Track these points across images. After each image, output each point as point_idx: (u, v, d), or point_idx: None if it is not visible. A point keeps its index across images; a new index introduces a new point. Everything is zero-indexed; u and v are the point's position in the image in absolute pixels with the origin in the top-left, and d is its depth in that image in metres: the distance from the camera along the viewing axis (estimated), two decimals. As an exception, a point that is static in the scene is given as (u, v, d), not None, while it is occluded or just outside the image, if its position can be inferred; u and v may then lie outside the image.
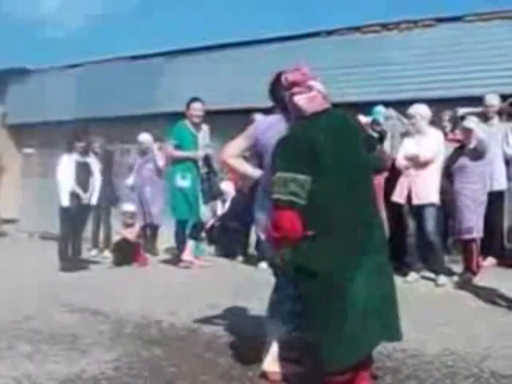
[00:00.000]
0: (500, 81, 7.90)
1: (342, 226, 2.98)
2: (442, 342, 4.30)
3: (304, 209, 2.91)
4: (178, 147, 7.28)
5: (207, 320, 4.83)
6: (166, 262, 7.89)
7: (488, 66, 8.18)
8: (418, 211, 6.34)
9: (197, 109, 7.32)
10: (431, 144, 6.34)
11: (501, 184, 6.62)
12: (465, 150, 6.33)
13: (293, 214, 2.90)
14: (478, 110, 6.88)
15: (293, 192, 2.89)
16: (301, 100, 3.14)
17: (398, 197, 6.45)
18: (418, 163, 6.32)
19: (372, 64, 9.10)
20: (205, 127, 7.44)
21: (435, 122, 6.81)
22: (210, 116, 7.66)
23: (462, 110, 6.97)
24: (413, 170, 6.38)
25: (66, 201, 7.40)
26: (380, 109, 7.26)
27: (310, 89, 3.17)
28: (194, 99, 7.39)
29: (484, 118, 6.83)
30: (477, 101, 7.01)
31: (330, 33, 9.98)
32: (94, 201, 7.81)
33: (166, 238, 7.67)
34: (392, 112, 7.29)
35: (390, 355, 4.09)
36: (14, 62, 13.63)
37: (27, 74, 13.35)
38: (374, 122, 6.94)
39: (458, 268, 6.72)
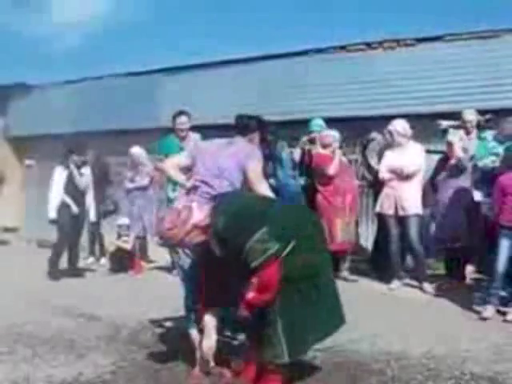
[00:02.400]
0: (477, 97, 8.12)
1: None
2: (424, 346, 4.45)
3: None
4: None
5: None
6: (160, 268, 8.00)
7: (466, 83, 8.42)
8: (403, 221, 6.53)
9: (182, 123, 7.25)
10: (413, 157, 6.54)
11: (478, 195, 6.76)
12: (448, 163, 6.51)
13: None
14: (458, 123, 7.05)
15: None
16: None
17: (384, 208, 6.64)
18: (402, 176, 6.52)
19: (357, 81, 9.34)
20: (195, 136, 7.30)
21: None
22: (207, 130, 7.78)
23: (444, 123, 7.14)
24: (396, 182, 6.57)
25: (55, 212, 7.54)
26: (317, 122, 7.45)
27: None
28: (180, 113, 7.33)
29: (464, 132, 7.01)
30: (456, 116, 7.19)
31: (317, 51, 10.21)
32: (91, 215, 7.93)
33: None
34: (376, 135, 7.50)
35: (375, 358, 4.24)
36: (15, 77, 13.92)
37: (29, 89, 13.58)
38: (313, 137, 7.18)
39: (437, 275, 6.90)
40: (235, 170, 3.97)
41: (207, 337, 3.67)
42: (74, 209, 7.65)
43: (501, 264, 5.32)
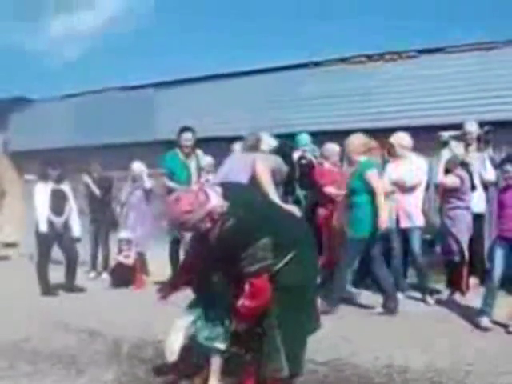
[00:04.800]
0: (478, 109, 8.16)
1: None
2: (427, 359, 4.45)
3: None
4: (170, 177, 7.33)
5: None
6: (162, 283, 7.97)
7: (467, 94, 8.47)
8: (405, 234, 6.55)
9: (187, 139, 7.35)
10: (415, 169, 6.57)
11: (480, 207, 6.79)
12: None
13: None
14: (459, 133, 7.11)
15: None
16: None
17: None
18: (405, 188, 6.54)
19: (358, 93, 9.39)
20: (198, 152, 7.51)
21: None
22: (206, 143, 7.85)
23: (446, 134, 7.18)
24: (398, 195, 6.59)
25: (42, 227, 7.51)
26: (305, 136, 7.49)
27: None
28: (185, 129, 7.42)
29: (464, 143, 7.06)
30: (456, 128, 7.24)
31: (317, 64, 10.27)
32: (74, 230, 7.90)
33: (162, 259, 7.76)
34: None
35: (377, 371, 4.23)
36: (15, 91, 14.03)
37: (28, 103, 13.67)
38: (303, 152, 7.27)
39: (439, 287, 6.90)
40: (242, 171, 4.43)
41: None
42: (59, 224, 7.64)
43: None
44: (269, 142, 6.66)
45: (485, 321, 5.39)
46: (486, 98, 8.30)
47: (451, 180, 6.41)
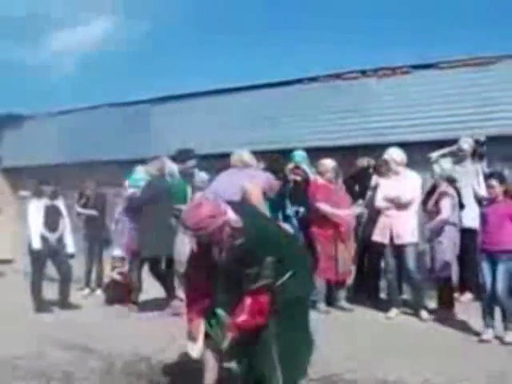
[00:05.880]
0: (472, 124, 8.24)
1: None
2: (423, 375, 4.43)
3: None
4: None
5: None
6: (156, 300, 7.96)
7: (460, 109, 8.55)
8: (399, 250, 6.52)
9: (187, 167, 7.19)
10: (409, 186, 6.58)
11: (473, 222, 6.80)
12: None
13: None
14: (448, 149, 7.17)
15: None
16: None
17: (380, 236, 6.64)
18: (399, 204, 6.54)
19: (352, 109, 9.46)
20: (202, 175, 7.37)
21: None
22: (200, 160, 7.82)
23: (434, 155, 7.23)
24: (393, 211, 6.58)
25: (35, 244, 7.50)
26: (300, 153, 7.53)
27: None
28: (185, 152, 7.27)
29: (458, 158, 7.10)
30: (450, 144, 7.29)
31: (311, 79, 10.35)
32: (68, 246, 7.87)
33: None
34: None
35: (371, 387, 4.23)
36: (9, 107, 14.08)
37: (22, 120, 13.71)
38: (297, 168, 7.23)
39: (432, 303, 6.89)
40: (232, 193, 4.39)
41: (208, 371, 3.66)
42: (53, 240, 7.62)
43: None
44: (170, 166, 6.84)
45: (488, 333, 5.44)
46: (479, 114, 8.38)
47: (445, 215, 6.48)
